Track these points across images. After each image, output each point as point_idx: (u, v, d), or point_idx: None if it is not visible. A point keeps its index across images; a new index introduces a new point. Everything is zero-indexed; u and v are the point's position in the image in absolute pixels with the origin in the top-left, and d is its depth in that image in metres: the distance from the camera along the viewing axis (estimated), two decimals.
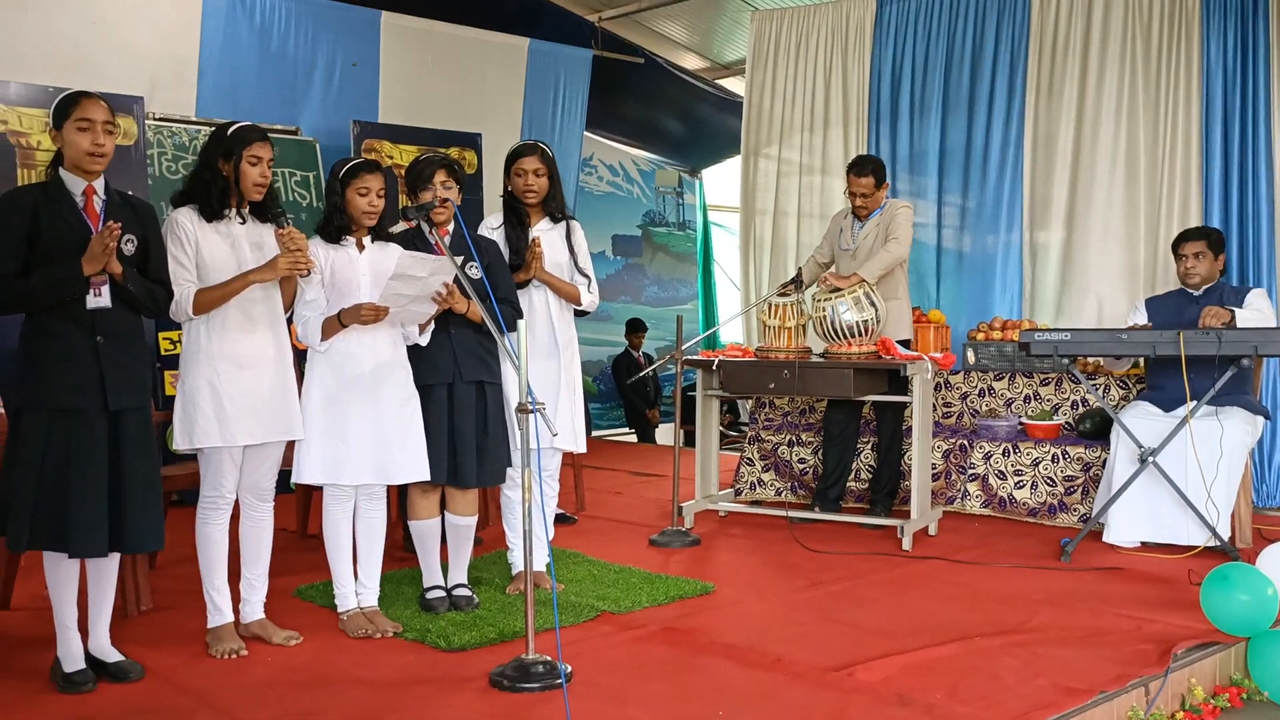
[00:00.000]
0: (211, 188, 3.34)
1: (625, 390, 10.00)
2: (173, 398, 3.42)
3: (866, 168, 5.23)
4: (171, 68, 6.46)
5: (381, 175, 3.63)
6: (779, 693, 3.06)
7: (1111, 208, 6.33)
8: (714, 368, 5.25)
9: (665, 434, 10.14)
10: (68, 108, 3.05)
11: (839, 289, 4.99)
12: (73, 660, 3.13)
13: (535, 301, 4.12)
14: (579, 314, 4.28)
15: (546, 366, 4.09)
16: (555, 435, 3.34)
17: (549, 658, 3.13)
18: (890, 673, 3.18)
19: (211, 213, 3.35)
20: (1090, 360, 5.57)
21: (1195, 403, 4.56)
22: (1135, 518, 4.72)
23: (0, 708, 2.98)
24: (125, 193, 3.25)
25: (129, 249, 3.10)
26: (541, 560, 4.03)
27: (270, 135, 3.46)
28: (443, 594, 3.88)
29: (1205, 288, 4.95)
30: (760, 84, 7.74)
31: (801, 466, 5.94)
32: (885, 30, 7.20)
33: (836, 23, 7.41)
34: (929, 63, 7.02)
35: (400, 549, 4.56)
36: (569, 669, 3.15)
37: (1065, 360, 4.79)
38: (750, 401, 6.50)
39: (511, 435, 3.85)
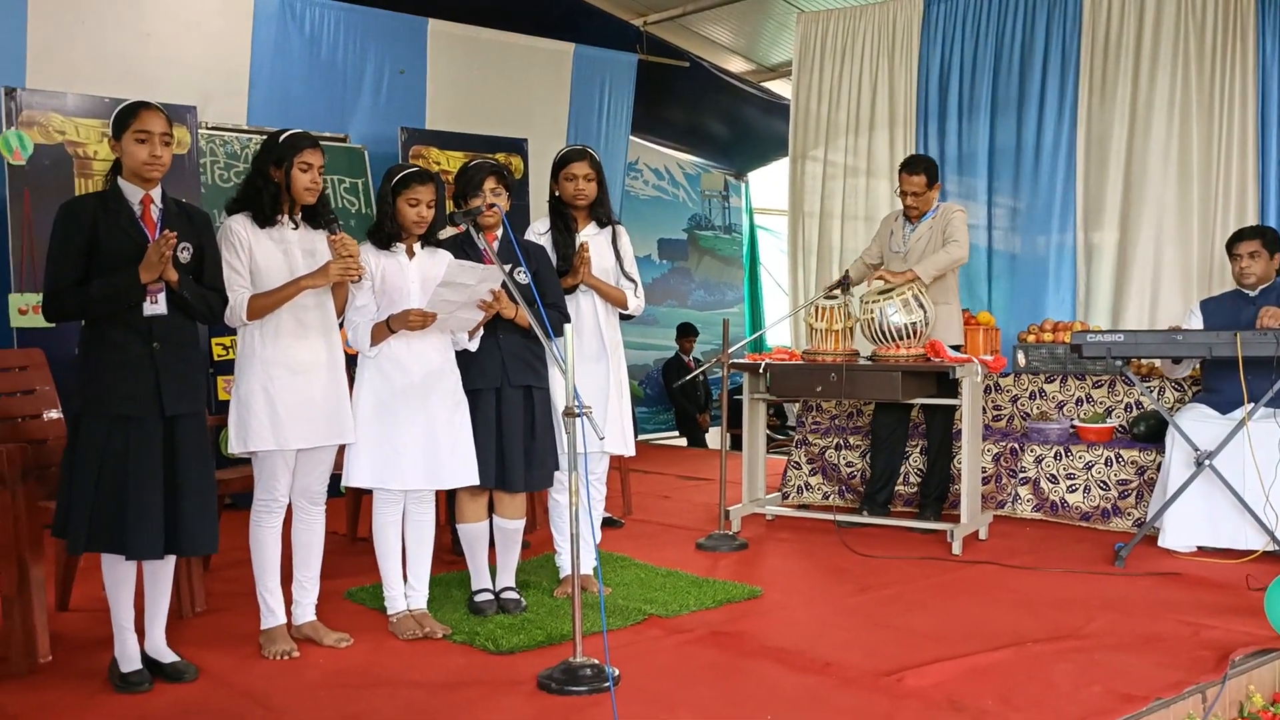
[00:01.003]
0: (264, 194, 3.39)
1: (675, 394, 10.00)
2: (225, 402, 3.47)
3: (918, 166, 5.19)
4: (223, 78, 6.57)
5: (433, 186, 3.64)
6: (828, 697, 3.04)
7: (1165, 208, 6.24)
8: (761, 371, 5.23)
9: (716, 437, 10.13)
10: (127, 119, 3.11)
11: (888, 290, 4.96)
12: (130, 661, 3.19)
13: (582, 306, 4.13)
14: (624, 317, 4.29)
15: (594, 370, 4.10)
16: (602, 439, 3.34)
17: (596, 661, 3.13)
18: (942, 678, 3.14)
19: (264, 219, 3.39)
20: (1144, 362, 5.48)
21: (1253, 405, 4.47)
22: (1191, 522, 4.64)
23: (59, 707, 3.04)
24: (181, 200, 3.31)
25: (185, 257, 3.15)
26: (589, 563, 4.03)
27: (320, 143, 3.50)
28: (491, 597, 3.90)
29: (1262, 288, 4.85)
30: (807, 86, 7.71)
31: (849, 470, 5.90)
32: (933, 30, 7.14)
33: (883, 23, 7.37)
34: (978, 62, 6.95)
35: (449, 552, 4.59)
36: (616, 672, 3.15)
37: (1119, 362, 4.72)
38: (797, 405, 6.46)
39: (559, 439, 3.87)
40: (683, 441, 10.18)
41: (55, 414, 3.90)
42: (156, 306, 3.09)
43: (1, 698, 3.10)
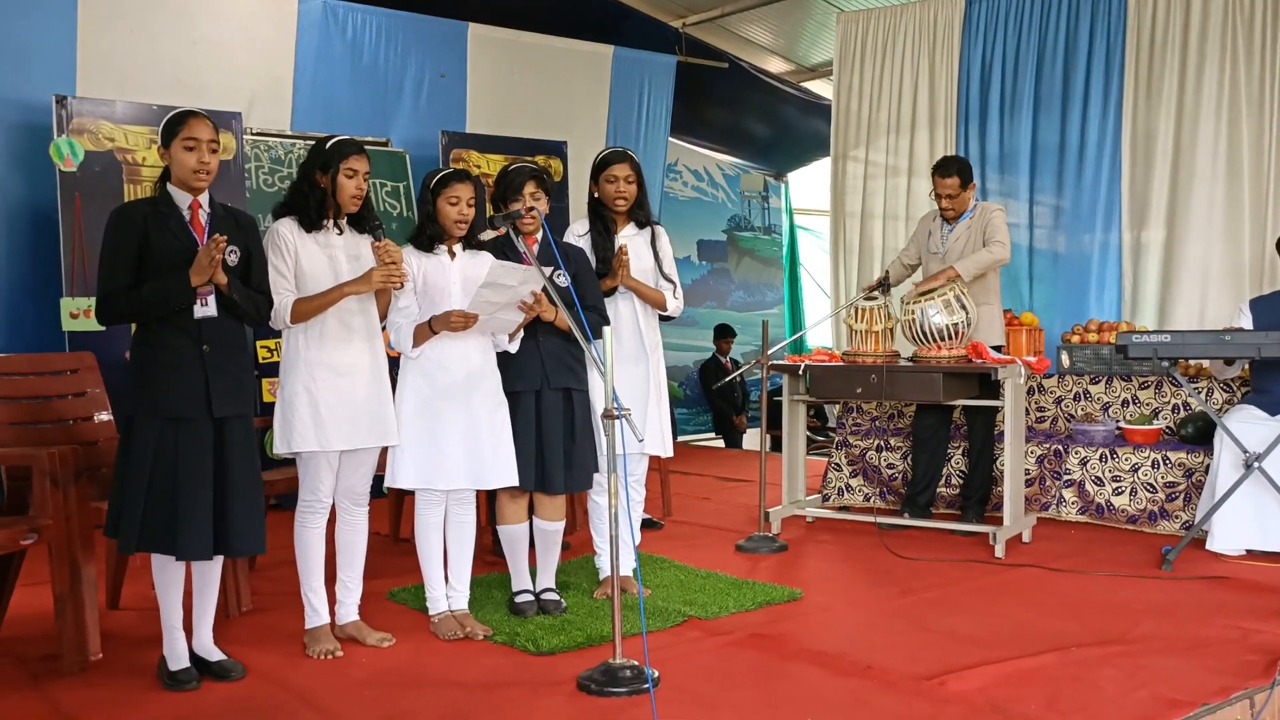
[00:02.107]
0: (310, 199, 3.43)
1: (712, 396, 9.98)
2: (271, 404, 3.52)
3: (951, 168, 5.15)
4: (268, 84, 6.66)
5: (471, 184, 3.68)
6: (870, 701, 3.02)
7: (1214, 206, 6.15)
8: (800, 372, 5.21)
9: (753, 439, 10.11)
10: (175, 127, 3.16)
11: (930, 290, 4.93)
12: (178, 659, 3.24)
13: (621, 308, 4.14)
14: (664, 319, 4.29)
15: (633, 372, 4.11)
16: (641, 440, 3.36)
17: (636, 662, 3.14)
18: (984, 682, 3.12)
19: (310, 223, 3.44)
20: (1192, 363, 5.40)
21: None
22: (1240, 525, 4.57)
23: (110, 704, 3.10)
24: (228, 205, 3.36)
25: (233, 260, 3.20)
26: (628, 565, 4.05)
27: (366, 148, 3.54)
28: (531, 598, 3.92)
29: None
30: (847, 86, 7.68)
31: (890, 472, 5.86)
32: (974, 28, 7.08)
33: (924, 22, 7.32)
34: (1020, 60, 6.89)
35: (489, 553, 4.62)
36: (656, 674, 3.15)
37: (1165, 363, 4.66)
38: (838, 406, 6.44)
39: (598, 441, 3.88)
40: (720, 443, 10.17)
41: (106, 416, 3.97)
42: (206, 309, 3.14)
43: (54, 694, 3.16)
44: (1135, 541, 4.95)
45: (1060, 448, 5.45)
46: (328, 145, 3.45)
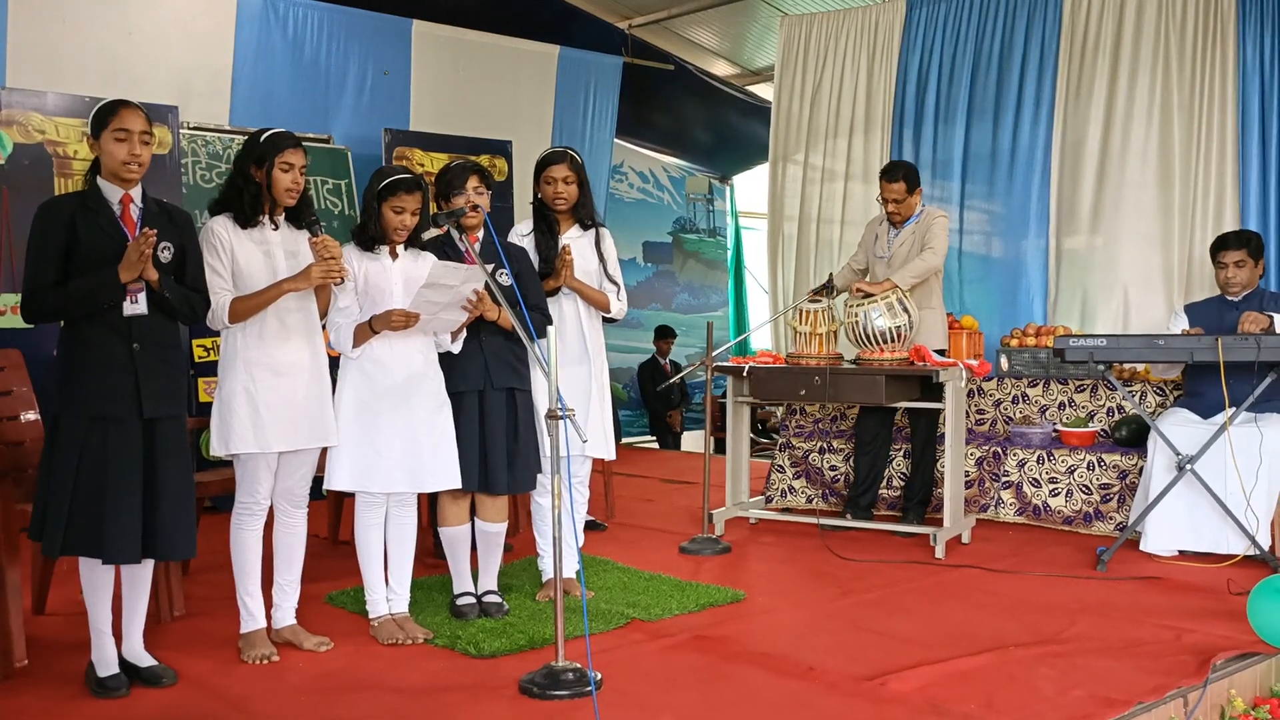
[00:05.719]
0: (244, 193, 3.36)
1: (648, 395, 9.98)
2: (207, 405, 3.44)
3: (898, 173, 5.18)
4: (206, 77, 6.54)
5: (419, 195, 3.61)
6: (811, 702, 3.03)
7: (1142, 211, 6.25)
8: (744, 374, 5.23)
9: (691, 441, 10.13)
10: (105, 117, 3.07)
11: (871, 295, 4.97)
12: (107, 665, 3.16)
13: (565, 309, 4.12)
14: (608, 321, 4.28)
15: (576, 373, 4.09)
16: (585, 441, 3.34)
17: (579, 665, 3.12)
18: (924, 682, 3.14)
19: (245, 219, 3.37)
20: (1126, 366, 5.50)
21: (1234, 409, 4.49)
22: (1173, 526, 4.65)
23: (35, 712, 3.01)
24: (161, 200, 3.27)
25: (165, 256, 3.12)
26: (571, 567, 4.02)
27: (303, 143, 3.47)
28: (473, 600, 3.88)
29: (1245, 293, 4.87)
30: (789, 89, 7.72)
31: (833, 474, 5.90)
32: (914, 34, 7.16)
33: (865, 27, 7.38)
34: (955, 66, 6.97)
35: (431, 555, 4.57)
36: (599, 677, 3.14)
37: (1101, 366, 4.73)
38: (781, 408, 6.46)
39: (542, 442, 3.85)
40: (655, 444, 10.15)
41: (32, 415, 3.86)
42: (136, 306, 3.06)
43: None
44: (1071, 542, 5.03)
45: (999, 450, 5.52)
46: (262, 138, 3.38)
